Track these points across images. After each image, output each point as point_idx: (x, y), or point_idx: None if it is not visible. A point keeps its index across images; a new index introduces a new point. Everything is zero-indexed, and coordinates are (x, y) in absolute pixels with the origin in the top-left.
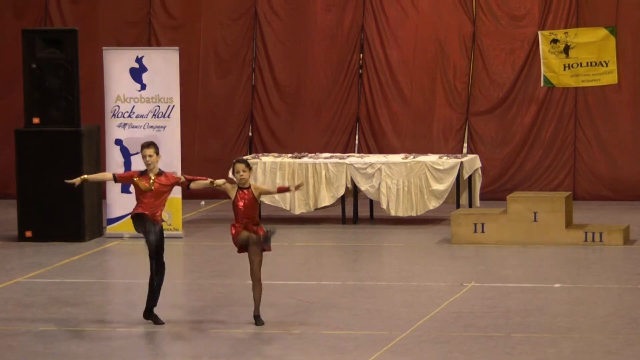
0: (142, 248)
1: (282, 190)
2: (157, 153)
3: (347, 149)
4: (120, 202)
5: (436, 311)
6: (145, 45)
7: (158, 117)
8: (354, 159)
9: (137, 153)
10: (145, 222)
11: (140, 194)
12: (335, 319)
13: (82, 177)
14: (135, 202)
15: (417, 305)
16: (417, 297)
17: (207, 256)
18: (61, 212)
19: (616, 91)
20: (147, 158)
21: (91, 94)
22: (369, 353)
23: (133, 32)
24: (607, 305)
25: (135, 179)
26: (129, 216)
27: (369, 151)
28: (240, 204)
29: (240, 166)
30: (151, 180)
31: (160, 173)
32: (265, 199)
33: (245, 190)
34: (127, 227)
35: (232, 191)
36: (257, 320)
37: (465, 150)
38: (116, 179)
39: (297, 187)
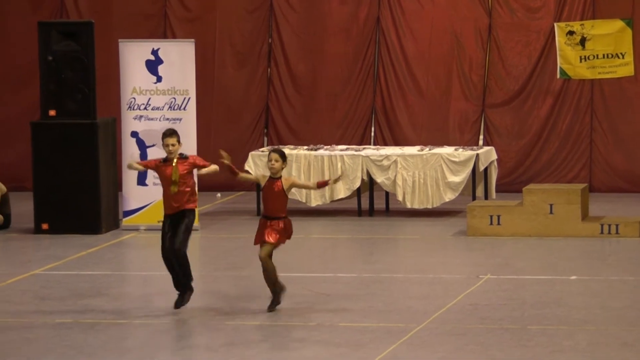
0: (158, 240)
1: (322, 185)
2: (179, 142)
3: (362, 141)
4: (136, 195)
5: (452, 303)
6: (160, 37)
7: (174, 109)
8: (370, 151)
9: (153, 145)
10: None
11: (164, 181)
12: (351, 312)
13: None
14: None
15: (433, 297)
16: (433, 290)
17: (222, 248)
18: (77, 204)
19: (632, 83)
20: (170, 147)
21: (107, 86)
22: (385, 345)
23: (149, 24)
24: (623, 298)
25: (157, 165)
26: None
27: (385, 143)
28: (268, 193)
29: (273, 155)
30: (174, 165)
31: (183, 157)
32: None
33: (275, 181)
34: (143, 219)
35: (263, 180)
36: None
37: (481, 142)
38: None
39: (336, 181)
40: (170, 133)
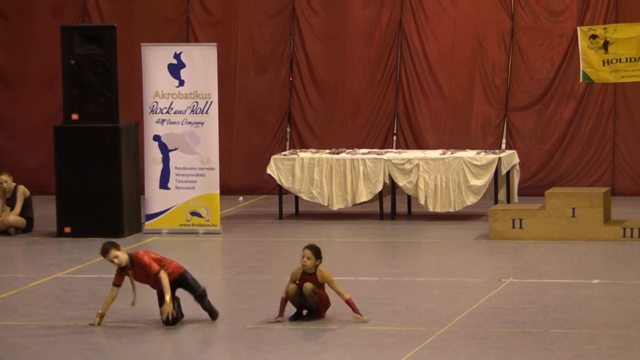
0: (180, 243)
1: (351, 305)
2: (119, 250)
3: (385, 144)
4: (159, 198)
5: (474, 307)
6: (183, 41)
7: (196, 113)
8: (392, 154)
9: (175, 149)
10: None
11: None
12: (374, 315)
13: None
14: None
15: (455, 301)
16: (455, 293)
17: (244, 252)
18: (100, 207)
19: None
20: (115, 260)
21: (129, 90)
22: (407, 349)
23: (171, 28)
24: None
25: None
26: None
27: (407, 147)
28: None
29: (306, 252)
30: (130, 273)
31: (132, 263)
32: (304, 196)
33: (309, 276)
34: (165, 223)
35: (297, 274)
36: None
37: (503, 146)
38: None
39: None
40: (105, 250)
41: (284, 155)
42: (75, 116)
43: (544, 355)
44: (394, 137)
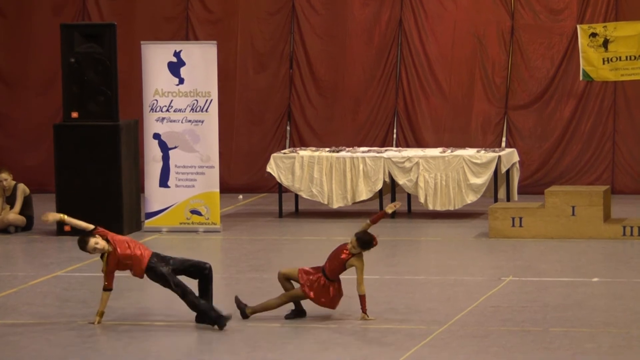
0: (180, 241)
1: (362, 302)
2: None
3: (385, 143)
4: (159, 196)
5: (474, 305)
6: (182, 39)
7: (196, 111)
8: (392, 153)
9: (175, 147)
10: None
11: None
12: (373, 313)
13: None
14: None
15: (454, 299)
16: (455, 292)
17: (244, 250)
18: (99, 206)
19: None
20: (97, 246)
21: (129, 88)
22: (406, 347)
23: (171, 26)
24: None
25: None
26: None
27: (407, 145)
28: (334, 252)
29: (352, 240)
30: (106, 254)
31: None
32: (304, 194)
33: (346, 252)
34: (165, 221)
35: (350, 239)
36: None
37: (503, 144)
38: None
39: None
40: (84, 242)
41: (284, 153)
42: (75, 114)
43: (543, 354)
44: (394, 136)
